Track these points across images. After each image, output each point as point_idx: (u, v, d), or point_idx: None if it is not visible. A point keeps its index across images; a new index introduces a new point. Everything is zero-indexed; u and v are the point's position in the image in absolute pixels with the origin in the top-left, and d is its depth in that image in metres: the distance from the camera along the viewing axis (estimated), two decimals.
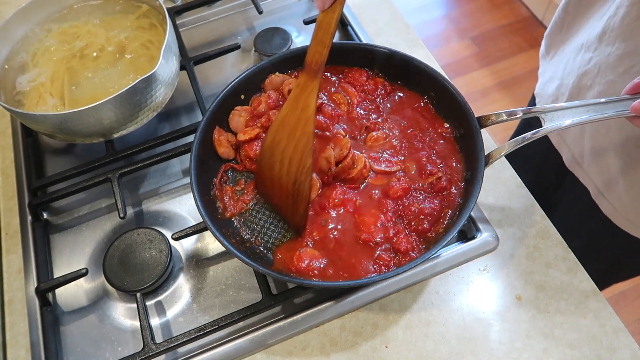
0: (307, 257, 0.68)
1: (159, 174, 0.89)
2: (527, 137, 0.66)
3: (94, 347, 0.73)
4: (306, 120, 0.68)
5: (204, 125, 0.76)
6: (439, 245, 0.64)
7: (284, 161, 0.70)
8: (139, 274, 0.74)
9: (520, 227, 0.78)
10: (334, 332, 0.72)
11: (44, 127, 0.79)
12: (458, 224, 0.65)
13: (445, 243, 0.63)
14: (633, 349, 0.68)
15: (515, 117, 0.69)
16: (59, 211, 0.86)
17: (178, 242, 0.78)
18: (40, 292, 0.74)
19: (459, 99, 0.74)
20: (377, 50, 0.82)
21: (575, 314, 0.71)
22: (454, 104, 0.75)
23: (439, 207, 0.70)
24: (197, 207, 0.68)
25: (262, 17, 1.08)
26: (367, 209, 0.71)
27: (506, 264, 0.75)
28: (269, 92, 0.81)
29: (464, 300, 0.73)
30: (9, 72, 0.85)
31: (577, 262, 0.75)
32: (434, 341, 0.70)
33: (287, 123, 0.69)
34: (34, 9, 0.89)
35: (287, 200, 0.70)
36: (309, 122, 0.67)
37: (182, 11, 1.05)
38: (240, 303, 0.74)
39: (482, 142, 0.70)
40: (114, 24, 0.91)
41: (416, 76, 0.80)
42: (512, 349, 0.69)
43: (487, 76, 2.41)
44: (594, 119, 0.63)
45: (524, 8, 2.61)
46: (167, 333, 0.73)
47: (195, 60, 0.95)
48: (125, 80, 0.84)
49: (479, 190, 0.66)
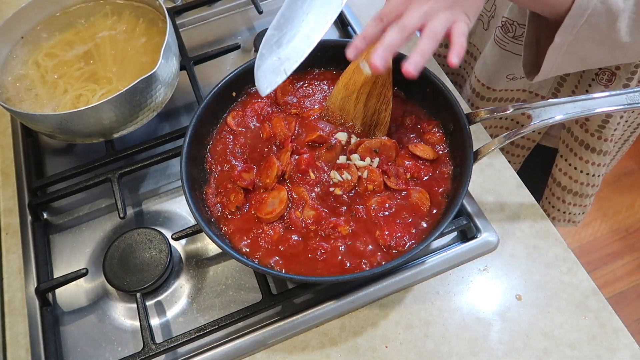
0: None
1: (159, 174, 0.89)
2: (516, 133, 0.67)
3: (94, 347, 0.73)
4: None
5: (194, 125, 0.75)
6: (431, 237, 0.64)
7: (360, 98, 0.74)
8: (139, 274, 0.74)
9: (520, 227, 0.78)
10: (334, 332, 0.72)
11: (44, 127, 0.79)
12: (447, 218, 0.65)
13: (436, 235, 0.64)
14: (633, 349, 0.68)
15: (505, 113, 0.70)
16: (59, 211, 0.86)
17: (178, 242, 0.78)
18: (40, 292, 0.74)
19: (448, 95, 0.74)
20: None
21: (575, 314, 0.71)
22: (442, 100, 0.75)
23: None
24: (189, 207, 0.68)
25: (262, 17, 1.08)
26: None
27: (506, 264, 0.75)
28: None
29: (464, 300, 0.73)
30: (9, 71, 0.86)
31: (577, 262, 0.75)
32: (434, 341, 0.70)
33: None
34: (34, 9, 0.89)
35: (364, 129, 0.76)
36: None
37: (182, 11, 1.05)
38: (240, 303, 0.74)
39: (471, 138, 0.70)
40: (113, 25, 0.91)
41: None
42: (512, 349, 0.69)
43: None
44: (584, 114, 0.65)
45: None
46: (167, 333, 0.73)
47: (195, 60, 0.95)
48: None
49: (467, 186, 0.66)
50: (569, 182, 1.00)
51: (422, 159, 0.74)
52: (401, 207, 0.71)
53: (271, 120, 0.79)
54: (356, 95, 0.74)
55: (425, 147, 0.75)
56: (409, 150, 0.75)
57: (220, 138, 0.79)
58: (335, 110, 0.77)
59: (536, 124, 0.66)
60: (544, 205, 1.08)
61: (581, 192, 1.00)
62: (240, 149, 0.78)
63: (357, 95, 0.74)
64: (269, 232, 0.69)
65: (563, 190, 1.02)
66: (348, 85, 0.75)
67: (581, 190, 1.00)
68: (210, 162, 0.77)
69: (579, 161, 0.96)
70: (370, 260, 0.67)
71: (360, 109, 0.75)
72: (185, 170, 0.70)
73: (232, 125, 0.79)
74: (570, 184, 1.00)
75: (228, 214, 0.72)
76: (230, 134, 0.79)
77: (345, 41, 0.87)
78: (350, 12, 1.05)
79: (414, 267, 0.74)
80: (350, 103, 0.75)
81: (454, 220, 0.75)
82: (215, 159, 0.77)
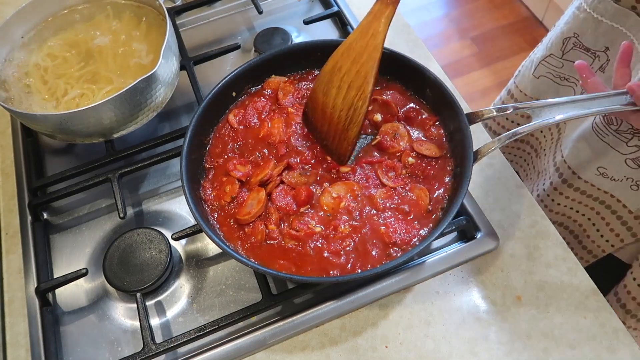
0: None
1: (159, 174, 0.89)
2: (516, 133, 0.67)
3: (94, 347, 0.73)
4: (375, 46, 0.68)
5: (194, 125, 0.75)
6: (431, 237, 0.64)
7: (342, 87, 0.71)
8: (139, 274, 0.74)
9: (520, 227, 0.78)
10: (334, 332, 0.72)
11: (44, 127, 0.79)
12: (446, 219, 0.65)
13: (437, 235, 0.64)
14: (633, 349, 0.68)
15: (505, 113, 0.70)
16: (59, 211, 0.86)
17: (178, 242, 0.78)
18: (40, 292, 0.74)
19: (448, 95, 0.74)
20: None
21: (575, 314, 0.71)
22: (443, 101, 0.75)
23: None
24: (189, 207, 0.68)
25: (262, 17, 1.08)
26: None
27: (506, 264, 0.75)
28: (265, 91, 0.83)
29: (464, 300, 0.73)
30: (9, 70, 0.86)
31: (577, 262, 0.75)
32: (434, 341, 0.70)
33: (354, 48, 0.70)
34: (34, 9, 0.89)
35: (337, 127, 0.72)
36: (377, 48, 0.68)
37: (182, 11, 1.05)
38: (240, 303, 0.74)
39: (471, 138, 0.70)
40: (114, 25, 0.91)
41: (405, 71, 0.80)
42: (512, 349, 0.69)
43: (487, 76, 2.41)
44: (583, 114, 0.65)
45: (524, 8, 2.61)
46: (167, 333, 0.73)
47: (195, 60, 0.95)
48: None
49: (467, 186, 0.66)
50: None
51: (427, 157, 0.74)
52: (402, 204, 0.71)
53: (272, 119, 0.79)
54: (339, 83, 0.72)
55: (430, 145, 0.75)
56: (413, 149, 0.75)
57: (220, 137, 0.79)
58: (319, 94, 0.74)
59: (536, 123, 0.66)
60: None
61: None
62: (238, 145, 0.78)
63: (340, 83, 0.72)
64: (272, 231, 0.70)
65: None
66: (334, 70, 0.73)
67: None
68: (210, 161, 0.77)
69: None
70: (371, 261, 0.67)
71: (341, 97, 0.72)
72: (185, 170, 0.71)
73: (234, 123, 0.79)
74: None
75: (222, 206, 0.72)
76: (231, 132, 0.79)
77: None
78: (350, 12, 1.05)
79: (414, 267, 0.74)
80: (333, 88, 0.73)
81: (454, 220, 0.75)
82: (214, 157, 0.77)
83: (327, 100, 0.73)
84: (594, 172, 0.88)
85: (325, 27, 1.06)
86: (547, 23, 2.50)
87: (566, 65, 0.89)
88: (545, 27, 2.51)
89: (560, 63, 0.90)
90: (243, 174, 0.74)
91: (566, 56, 0.88)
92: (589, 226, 0.97)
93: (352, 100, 0.71)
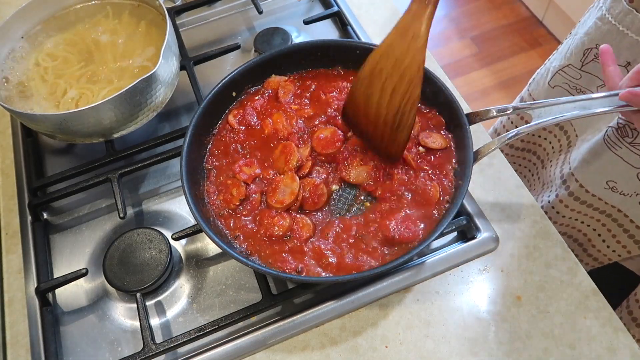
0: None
1: (159, 174, 0.89)
2: (516, 133, 0.67)
3: (94, 347, 0.73)
4: (417, 49, 0.65)
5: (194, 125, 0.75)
6: (431, 237, 0.64)
7: (385, 90, 0.68)
8: (139, 274, 0.74)
9: (520, 227, 0.78)
10: (334, 332, 0.72)
11: (44, 127, 0.79)
12: (446, 219, 0.65)
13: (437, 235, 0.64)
14: (633, 349, 0.68)
15: (504, 114, 0.70)
16: (59, 211, 0.86)
17: (178, 242, 0.78)
18: (40, 292, 0.74)
19: (448, 95, 0.74)
20: (362, 46, 0.82)
21: (575, 314, 0.71)
22: (443, 100, 0.75)
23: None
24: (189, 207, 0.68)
25: (262, 17, 1.08)
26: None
27: (506, 264, 0.75)
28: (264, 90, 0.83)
29: (464, 300, 0.73)
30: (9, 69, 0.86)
31: (577, 262, 0.75)
32: (434, 341, 0.70)
33: (393, 51, 0.67)
34: (34, 9, 0.89)
35: (385, 130, 0.70)
36: (420, 50, 0.65)
37: (182, 11, 1.05)
38: (240, 303, 0.74)
39: (471, 139, 0.70)
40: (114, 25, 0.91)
41: None
42: (512, 349, 0.69)
43: (487, 76, 2.41)
44: (583, 114, 0.65)
45: (524, 8, 2.61)
46: (167, 333, 0.73)
47: (195, 60, 0.95)
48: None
49: (467, 186, 0.67)
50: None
51: (434, 150, 0.74)
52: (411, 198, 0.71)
53: (271, 116, 0.79)
54: (381, 86, 0.68)
55: (436, 136, 0.75)
56: (419, 143, 0.74)
57: (220, 137, 0.79)
58: (360, 97, 0.71)
59: (536, 123, 0.66)
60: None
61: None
62: (241, 146, 0.78)
63: (383, 86, 0.68)
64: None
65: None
66: (374, 72, 0.69)
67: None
68: (211, 161, 0.77)
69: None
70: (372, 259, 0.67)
71: (385, 101, 0.69)
72: (185, 170, 0.71)
73: (234, 124, 0.79)
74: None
75: (231, 210, 0.72)
76: (231, 132, 0.79)
77: (345, 41, 0.87)
78: (350, 12, 1.05)
79: (414, 267, 0.74)
80: (376, 92, 0.69)
81: (454, 220, 0.75)
82: (215, 158, 0.77)
83: (370, 104, 0.70)
84: (603, 185, 0.86)
85: (325, 27, 1.06)
86: (547, 23, 2.50)
87: (584, 77, 0.86)
88: (545, 27, 2.51)
89: (578, 74, 0.87)
90: (249, 176, 0.73)
91: (585, 68, 0.86)
92: (594, 236, 0.96)
93: (398, 105, 0.68)
